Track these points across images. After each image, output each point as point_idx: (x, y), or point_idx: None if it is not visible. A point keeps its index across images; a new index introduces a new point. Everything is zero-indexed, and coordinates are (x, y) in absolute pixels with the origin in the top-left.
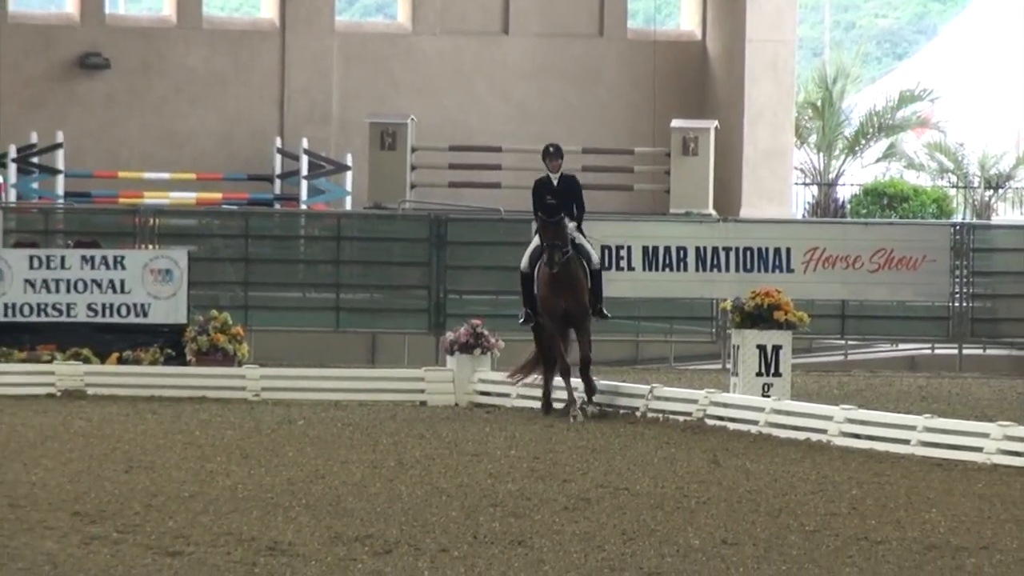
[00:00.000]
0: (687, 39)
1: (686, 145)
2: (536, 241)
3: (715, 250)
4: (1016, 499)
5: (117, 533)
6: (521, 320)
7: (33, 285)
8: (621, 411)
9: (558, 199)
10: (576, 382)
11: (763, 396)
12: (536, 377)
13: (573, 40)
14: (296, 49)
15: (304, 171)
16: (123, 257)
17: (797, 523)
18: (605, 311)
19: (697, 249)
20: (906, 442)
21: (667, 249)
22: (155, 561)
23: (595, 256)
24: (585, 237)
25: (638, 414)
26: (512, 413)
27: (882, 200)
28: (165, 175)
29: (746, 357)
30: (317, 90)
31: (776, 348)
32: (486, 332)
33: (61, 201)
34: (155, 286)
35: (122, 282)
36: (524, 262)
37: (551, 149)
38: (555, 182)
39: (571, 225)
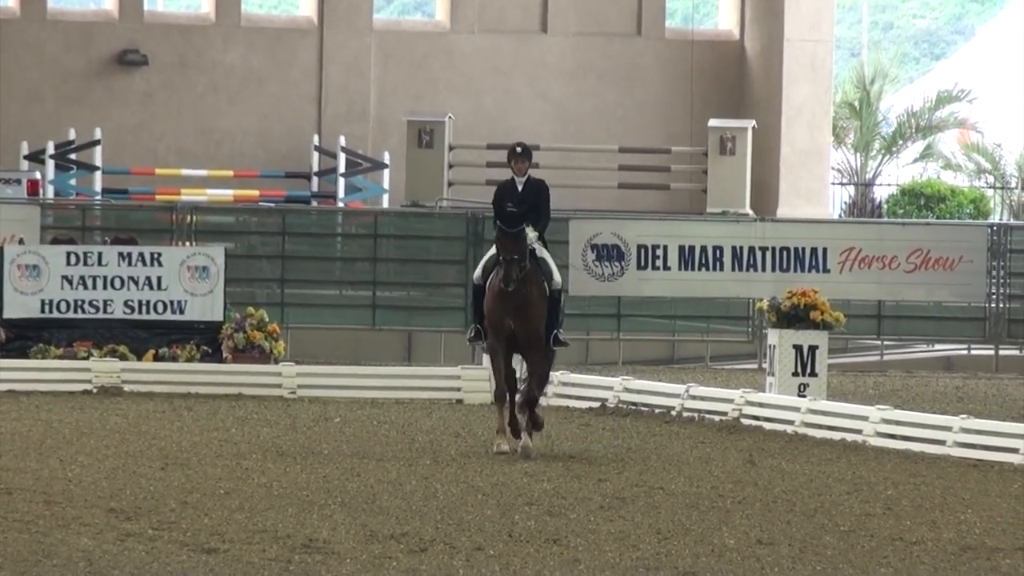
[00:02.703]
0: (725, 39)
1: (723, 145)
2: (493, 251)
3: (751, 250)
4: None
5: (152, 530)
6: (470, 336)
7: (70, 281)
8: (656, 410)
9: (520, 206)
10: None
11: (799, 396)
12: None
13: (611, 39)
14: (334, 47)
15: (341, 169)
16: (160, 254)
17: (832, 523)
18: (562, 338)
19: (734, 249)
20: (942, 443)
21: (703, 249)
22: (190, 558)
23: (557, 275)
24: (548, 249)
25: (674, 413)
26: (549, 411)
27: (919, 200)
28: (202, 172)
29: (782, 357)
30: (355, 88)
31: (812, 348)
32: None
33: (98, 197)
34: (192, 283)
35: (159, 279)
36: (477, 273)
37: (518, 149)
38: (520, 187)
39: (532, 235)
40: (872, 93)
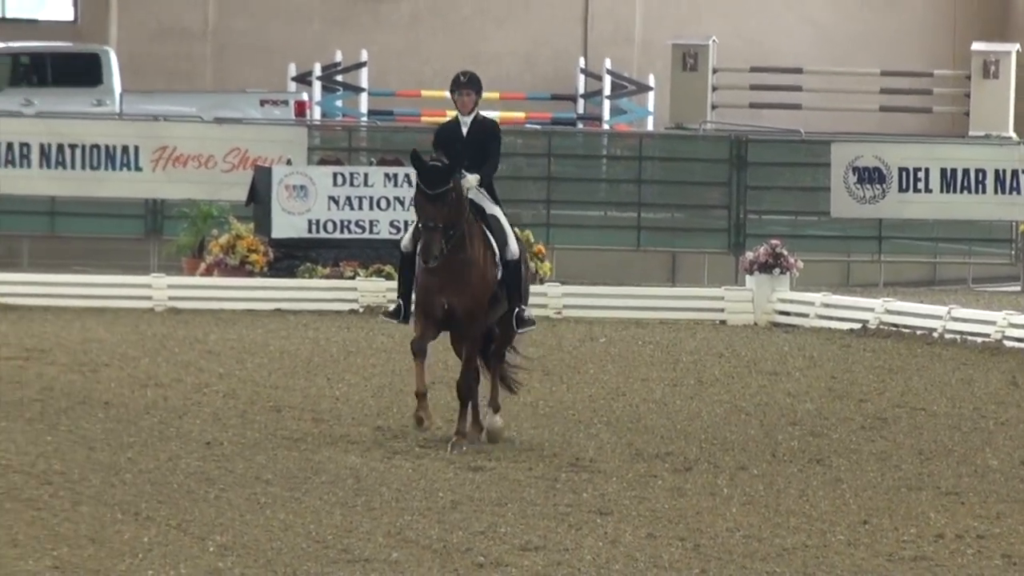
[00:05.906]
0: None
1: (987, 68)
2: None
3: (1015, 173)
4: None
5: (419, 448)
6: (389, 310)
7: (337, 202)
8: (918, 332)
9: (468, 150)
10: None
11: None
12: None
13: None
14: None
15: (607, 91)
16: None
17: None
18: (527, 315)
19: (996, 172)
20: None
21: (966, 172)
22: (457, 476)
23: (513, 242)
24: (499, 202)
25: (935, 335)
26: (811, 333)
27: None
28: None
29: None
30: (620, 11)
31: None
32: (785, 252)
33: (365, 119)
34: None
35: None
36: (406, 238)
37: (462, 78)
38: (464, 129)
39: (471, 180)
40: None
